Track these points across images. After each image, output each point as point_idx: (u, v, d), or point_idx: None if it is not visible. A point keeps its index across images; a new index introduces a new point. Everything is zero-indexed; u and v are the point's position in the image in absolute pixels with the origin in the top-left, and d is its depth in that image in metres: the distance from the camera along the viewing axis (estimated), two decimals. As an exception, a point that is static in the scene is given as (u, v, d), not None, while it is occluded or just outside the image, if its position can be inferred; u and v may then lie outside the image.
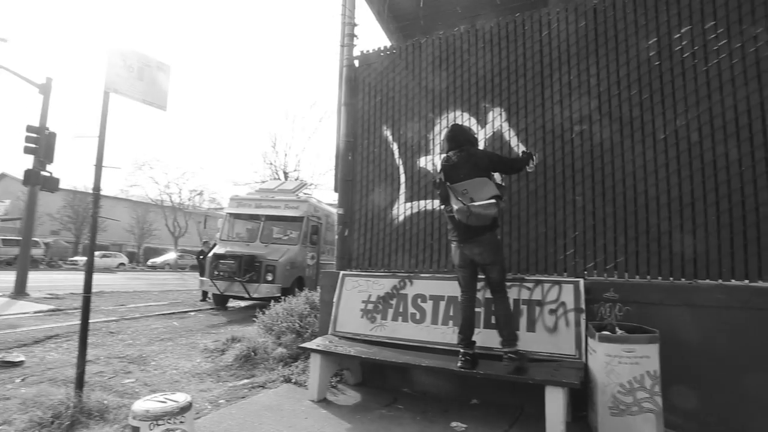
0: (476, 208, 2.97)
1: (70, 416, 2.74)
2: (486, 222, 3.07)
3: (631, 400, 2.70)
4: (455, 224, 3.20)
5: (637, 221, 3.41)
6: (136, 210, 38.73)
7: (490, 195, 3.01)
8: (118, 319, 7.69)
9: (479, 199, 3.01)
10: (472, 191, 3.06)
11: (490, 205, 2.99)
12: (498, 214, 3.10)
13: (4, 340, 5.60)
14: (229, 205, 11.01)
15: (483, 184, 3.07)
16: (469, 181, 3.08)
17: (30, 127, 10.21)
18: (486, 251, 3.12)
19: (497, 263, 3.15)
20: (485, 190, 3.05)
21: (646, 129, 3.48)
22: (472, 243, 3.14)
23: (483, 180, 3.09)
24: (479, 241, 3.12)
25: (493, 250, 3.15)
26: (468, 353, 3.10)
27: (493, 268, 3.14)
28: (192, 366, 4.64)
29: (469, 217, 3.02)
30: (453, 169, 3.22)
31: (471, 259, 3.18)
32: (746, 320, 2.95)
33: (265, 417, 3.10)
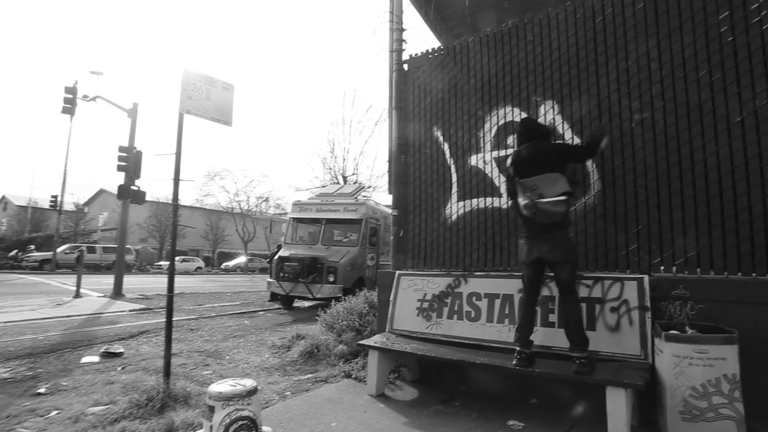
0: (543, 205, 2.89)
1: (160, 400, 3.12)
2: (555, 219, 2.95)
3: (705, 405, 2.52)
4: (524, 220, 3.14)
5: (710, 212, 3.16)
6: (210, 217, 41.89)
7: (560, 191, 2.90)
8: (197, 318, 8.43)
9: (549, 196, 2.91)
10: (542, 187, 2.96)
11: (560, 202, 2.87)
12: (568, 211, 3.00)
13: (108, 334, 6.40)
14: (292, 210, 11.61)
15: (554, 180, 2.96)
16: (539, 177, 2.98)
17: (121, 147, 11.51)
18: (556, 249, 2.99)
19: (568, 262, 3.00)
20: (556, 186, 2.93)
21: (718, 112, 3.22)
22: (541, 240, 3.03)
23: (554, 176, 2.97)
24: (549, 239, 3.00)
25: (564, 247, 3.01)
26: (524, 352, 3.05)
27: (563, 266, 2.99)
28: (261, 361, 5.00)
29: (536, 214, 2.94)
30: (523, 164, 3.12)
31: (539, 256, 3.05)
32: None
33: (326, 409, 3.29)
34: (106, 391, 3.68)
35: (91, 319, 7.94)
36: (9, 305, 9.38)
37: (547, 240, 3.00)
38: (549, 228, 2.99)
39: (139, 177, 12.07)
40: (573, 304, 3.00)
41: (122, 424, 2.85)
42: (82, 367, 4.63)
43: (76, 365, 4.69)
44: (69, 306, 9.59)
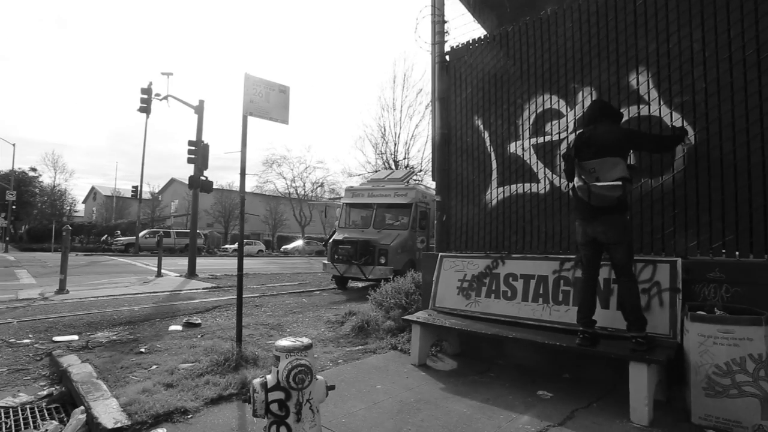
0: (597, 189, 2.94)
1: (234, 360, 3.72)
2: (610, 203, 2.98)
3: (729, 383, 2.63)
4: (579, 202, 3.20)
5: (752, 195, 3.15)
6: (269, 203, 44.25)
7: (617, 176, 2.95)
8: (261, 296, 9.29)
9: (605, 180, 2.96)
10: (600, 170, 3.01)
11: (615, 187, 2.91)
12: (624, 196, 3.01)
13: (187, 308, 7.34)
14: (345, 195, 12.19)
15: (613, 164, 3.00)
16: (599, 160, 3.03)
17: (190, 141, 12.64)
18: (610, 230, 3.04)
19: (623, 243, 3.04)
20: (614, 171, 2.98)
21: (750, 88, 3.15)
22: (596, 221, 3.09)
23: (614, 160, 3.00)
24: (604, 220, 3.05)
25: (620, 229, 3.04)
26: (587, 332, 3.13)
27: (618, 248, 3.05)
28: (317, 333, 5.57)
29: (590, 197, 3.00)
30: (585, 146, 3.14)
31: (594, 237, 3.12)
32: None
33: (373, 374, 3.74)
34: (191, 353, 4.38)
35: (173, 295, 9.04)
36: (107, 282, 10.88)
37: (601, 222, 3.06)
38: (604, 210, 3.03)
39: (207, 168, 13.21)
40: (628, 286, 3.05)
41: (206, 377, 3.48)
42: (170, 333, 5.45)
43: (165, 332, 5.53)
44: (153, 284, 10.91)
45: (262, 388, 1.98)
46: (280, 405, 1.97)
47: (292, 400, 1.98)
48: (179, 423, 2.77)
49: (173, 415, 2.84)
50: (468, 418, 2.84)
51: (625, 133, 3.21)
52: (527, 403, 3.10)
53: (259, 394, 1.96)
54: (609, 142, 3.05)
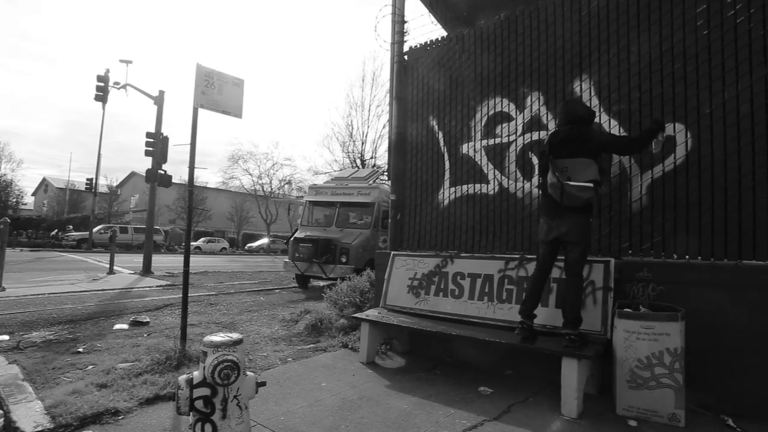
0: (570, 188, 2.99)
1: (176, 359, 3.61)
2: (578, 203, 3.06)
3: (648, 375, 2.79)
4: (547, 199, 3.28)
5: (677, 200, 3.35)
6: (235, 200, 43.17)
7: (589, 178, 3.02)
8: (217, 294, 9.06)
9: (577, 180, 3.01)
10: (572, 170, 3.06)
11: (586, 188, 2.98)
12: (594, 199, 3.09)
13: (136, 306, 7.05)
14: (308, 193, 12.08)
15: (585, 165, 3.07)
16: (571, 160, 3.09)
17: (149, 133, 12.16)
18: (573, 230, 3.12)
19: (581, 244, 3.14)
20: (586, 172, 3.04)
21: (690, 104, 3.37)
22: (561, 220, 3.16)
23: (587, 161, 3.07)
24: (568, 219, 3.13)
25: (581, 230, 3.14)
26: (526, 323, 3.21)
27: (576, 247, 3.14)
28: (270, 332, 5.48)
29: (561, 195, 3.04)
30: (560, 145, 3.19)
31: (557, 236, 3.19)
32: (792, 302, 2.83)
33: (320, 371, 3.72)
34: (132, 352, 4.22)
35: (123, 293, 8.67)
36: (52, 279, 10.29)
37: (566, 221, 3.14)
38: (570, 210, 3.11)
39: (166, 161, 12.72)
40: (576, 285, 3.15)
41: (145, 377, 3.36)
42: (114, 332, 5.22)
43: (109, 331, 5.29)
44: (103, 281, 10.42)
45: (187, 384, 1.93)
46: (205, 402, 1.93)
47: (218, 397, 1.94)
48: (108, 425, 2.66)
49: (102, 416, 2.73)
50: (407, 414, 2.88)
51: (598, 137, 3.31)
52: (467, 399, 3.17)
53: (183, 391, 1.92)
54: (583, 143, 3.13)
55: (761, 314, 2.91)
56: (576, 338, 3.04)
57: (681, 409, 2.72)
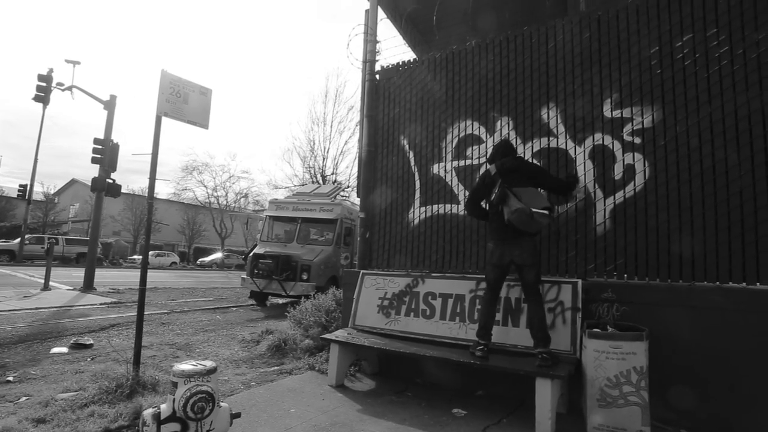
0: (536, 215, 3.19)
1: (129, 386, 3.31)
2: (539, 229, 3.33)
3: (617, 394, 2.89)
4: (500, 224, 3.41)
5: (637, 225, 3.55)
6: (187, 212, 41.28)
7: (544, 205, 3.25)
8: (169, 312, 8.52)
9: (535, 207, 3.20)
10: (527, 199, 3.25)
11: (545, 215, 3.23)
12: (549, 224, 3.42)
13: (77, 327, 6.46)
14: (269, 208, 11.77)
15: (536, 194, 3.35)
16: (524, 189, 3.32)
17: (97, 139, 11.42)
18: (526, 253, 3.32)
19: (535, 266, 3.34)
20: (539, 199, 3.29)
21: (647, 135, 3.61)
22: (513, 244, 3.35)
23: (535, 190, 3.38)
24: (520, 243, 3.34)
25: (533, 252, 3.35)
26: (485, 344, 3.35)
27: (530, 270, 3.32)
28: (230, 354, 5.20)
29: (527, 222, 3.20)
30: (509, 174, 3.44)
31: (510, 260, 3.37)
32: (741, 321, 3.05)
33: (287, 397, 3.55)
34: (75, 379, 3.84)
35: (61, 312, 7.94)
36: (-26, 296, 9.25)
37: (518, 245, 3.34)
38: (523, 234, 3.31)
39: (115, 170, 11.99)
40: (538, 304, 3.31)
41: (92, 408, 3.04)
42: (51, 357, 4.74)
43: (45, 356, 4.80)
44: (37, 298, 9.51)
45: (153, 420, 1.75)
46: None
47: None
48: (50, 465, 2.37)
49: (42, 456, 2.42)
50: (383, 440, 2.79)
51: (538, 168, 3.69)
52: (442, 422, 3.13)
53: (149, 428, 1.74)
54: (530, 174, 3.48)
55: (712, 332, 3.11)
56: (548, 356, 3.12)
57: (647, 425, 2.83)
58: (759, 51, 3.29)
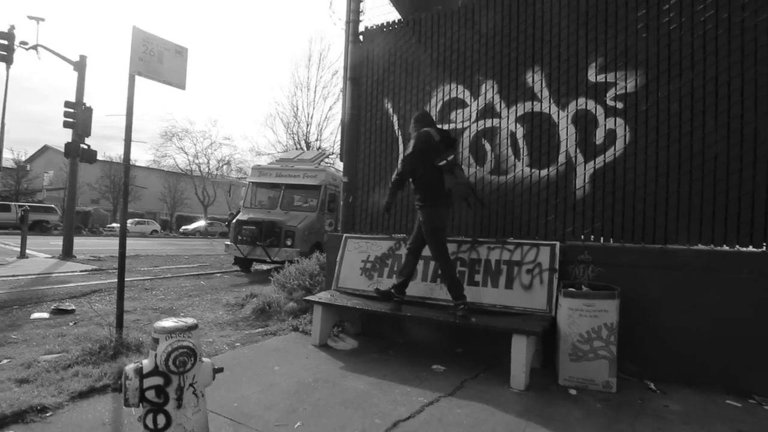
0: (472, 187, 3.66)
1: (113, 348, 3.33)
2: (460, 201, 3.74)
3: (588, 348, 3.03)
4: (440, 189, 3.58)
5: (615, 189, 3.62)
6: (168, 180, 40.38)
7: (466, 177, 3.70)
8: (152, 278, 8.49)
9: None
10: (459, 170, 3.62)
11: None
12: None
13: (58, 293, 6.40)
14: (252, 174, 11.59)
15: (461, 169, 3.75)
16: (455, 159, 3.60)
17: (68, 102, 10.91)
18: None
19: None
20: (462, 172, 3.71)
21: (629, 100, 3.62)
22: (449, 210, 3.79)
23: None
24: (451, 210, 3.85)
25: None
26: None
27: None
28: (215, 317, 5.24)
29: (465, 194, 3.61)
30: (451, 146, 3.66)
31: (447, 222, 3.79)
32: (707, 281, 3.19)
33: (272, 356, 3.62)
34: (57, 342, 3.84)
35: (40, 279, 7.83)
36: (-52, 263, 9.02)
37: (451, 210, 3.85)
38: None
39: (89, 135, 11.51)
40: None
41: (75, 369, 3.05)
42: (32, 322, 4.71)
43: (26, 321, 4.76)
44: (14, 266, 9.34)
45: (136, 374, 1.78)
46: (157, 391, 1.79)
47: (172, 386, 1.81)
48: (34, 423, 2.40)
49: (26, 414, 2.44)
50: (365, 394, 2.89)
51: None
52: (422, 377, 3.25)
53: (132, 381, 1.76)
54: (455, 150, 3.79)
55: (679, 291, 3.26)
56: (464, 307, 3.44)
57: (613, 377, 3.00)
58: (744, 15, 3.29)
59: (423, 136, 3.62)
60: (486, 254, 3.79)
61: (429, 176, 3.60)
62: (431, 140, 3.59)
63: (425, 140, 3.60)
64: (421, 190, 3.67)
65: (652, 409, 2.80)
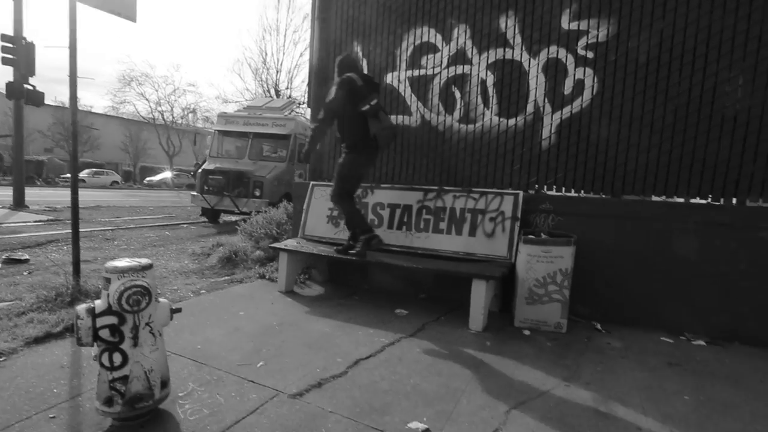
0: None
1: (70, 295, 3.24)
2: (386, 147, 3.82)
3: (543, 292, 3.19)
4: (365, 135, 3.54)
5: (579, 140, 3.67)
6: (129, 128, 38.19)
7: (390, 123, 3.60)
8: (114, 229, 8.21)
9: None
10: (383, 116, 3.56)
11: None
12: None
13: (9, 243, 6.11)
14: (217, 122, 11.09)
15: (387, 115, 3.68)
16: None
17: (5, 36, 9.88)
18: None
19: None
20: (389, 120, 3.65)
21: (600, 50, 3.59)
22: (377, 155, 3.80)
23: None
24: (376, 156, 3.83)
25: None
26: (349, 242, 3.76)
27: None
28: (180, 266, 5.17)
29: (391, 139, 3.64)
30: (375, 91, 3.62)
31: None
32: (655, 230, 3.36)
33: (237, 301, 3.64)
34: (10, 291, 3.70)
35: (-10, 228, 7.43)
36: None
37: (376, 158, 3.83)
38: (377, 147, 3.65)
39: (33, 74, 10.53)
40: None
41: (30, 315, 2.97)
42: (-19, 271, 4.50)
43: (-26, 269, 4.55)
44: (-39, 214, 8.79)
45: (88, 313, 1.74)
46: (112, 330, 1.76)
47: (127, 325, 1.78)
48: (-13, 366, 2.34)
49: (-23, 359, 2.38)
50: (328, 336, 2.97)
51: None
52: (385, 321, 3.36)
53: (84, 321, 1.73)
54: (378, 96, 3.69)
55: (628, 240, 3.43)
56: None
57: (565, 318, 3.18)
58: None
59: (345, 81, 3.48)
60: (451, 202, 3.83)
61: (353, 122, 3.53)
62: (354, 85, 3.46)
63: (347, 85, 3.47)
64: (347, 136, 3.63)
65: (596, 346, 3.02)
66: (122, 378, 1.78)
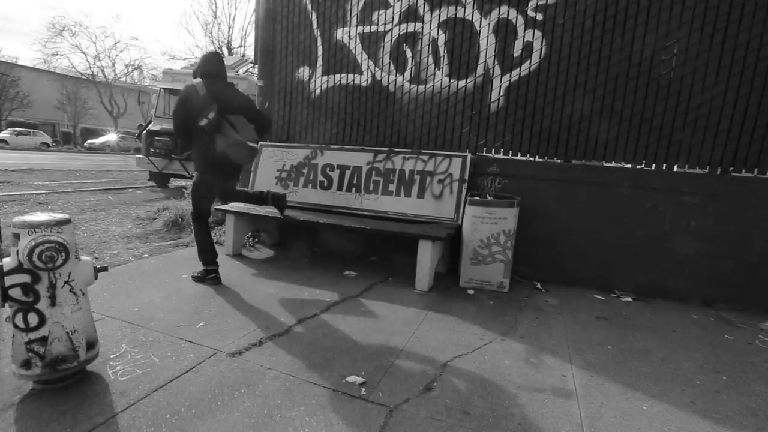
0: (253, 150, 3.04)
1: (-12, 258, 3.00)
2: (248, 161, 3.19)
3: (486, 253, 3.30)
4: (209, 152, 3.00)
5: (527, 103, 3.72)
6: (66, 85, 34.94)
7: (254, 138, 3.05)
8: (48, 192, 7.64)
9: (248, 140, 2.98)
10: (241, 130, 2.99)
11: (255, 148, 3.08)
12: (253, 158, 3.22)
13: None
14: (163, 79, 10.35)
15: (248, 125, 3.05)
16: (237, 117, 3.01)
17: None
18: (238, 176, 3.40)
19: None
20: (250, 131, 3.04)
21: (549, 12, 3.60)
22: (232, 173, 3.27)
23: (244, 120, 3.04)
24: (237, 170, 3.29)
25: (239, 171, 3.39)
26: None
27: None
28: (122, 230, 4.91)
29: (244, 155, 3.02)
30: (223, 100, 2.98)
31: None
32: (593, 193, 3.52)
33: (181, 265, 3.52)
34: None
35: None
36: None
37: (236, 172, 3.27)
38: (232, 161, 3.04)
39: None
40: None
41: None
42: None
43: None
44: None
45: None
46: (24, 289, 1.65)
47: (42, 283, 1.67)
48: None
49: None
50: (273, 297, 2.95)
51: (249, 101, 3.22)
52: (332, 281, 3.37)
53: (-9, 280, 1.60)
54: (241, 104, 3.08)
55: (569, 203, 3.59)
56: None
57: (507, 278, 3.32)
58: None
59: (183, 93, 3.00)
60: (401, 164, 3.83)
61: (197, 137, 3.01)
62: (191, 98, 2.94)
63: (183, 98, 2.98)
64: (194, 152, 3.15)
65: (535, 303, 3.18)
66: (40, 339, 1.69)
